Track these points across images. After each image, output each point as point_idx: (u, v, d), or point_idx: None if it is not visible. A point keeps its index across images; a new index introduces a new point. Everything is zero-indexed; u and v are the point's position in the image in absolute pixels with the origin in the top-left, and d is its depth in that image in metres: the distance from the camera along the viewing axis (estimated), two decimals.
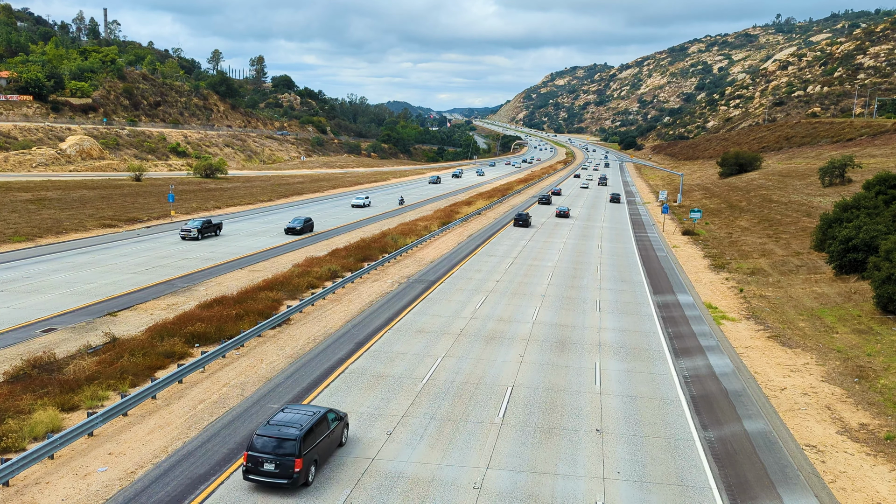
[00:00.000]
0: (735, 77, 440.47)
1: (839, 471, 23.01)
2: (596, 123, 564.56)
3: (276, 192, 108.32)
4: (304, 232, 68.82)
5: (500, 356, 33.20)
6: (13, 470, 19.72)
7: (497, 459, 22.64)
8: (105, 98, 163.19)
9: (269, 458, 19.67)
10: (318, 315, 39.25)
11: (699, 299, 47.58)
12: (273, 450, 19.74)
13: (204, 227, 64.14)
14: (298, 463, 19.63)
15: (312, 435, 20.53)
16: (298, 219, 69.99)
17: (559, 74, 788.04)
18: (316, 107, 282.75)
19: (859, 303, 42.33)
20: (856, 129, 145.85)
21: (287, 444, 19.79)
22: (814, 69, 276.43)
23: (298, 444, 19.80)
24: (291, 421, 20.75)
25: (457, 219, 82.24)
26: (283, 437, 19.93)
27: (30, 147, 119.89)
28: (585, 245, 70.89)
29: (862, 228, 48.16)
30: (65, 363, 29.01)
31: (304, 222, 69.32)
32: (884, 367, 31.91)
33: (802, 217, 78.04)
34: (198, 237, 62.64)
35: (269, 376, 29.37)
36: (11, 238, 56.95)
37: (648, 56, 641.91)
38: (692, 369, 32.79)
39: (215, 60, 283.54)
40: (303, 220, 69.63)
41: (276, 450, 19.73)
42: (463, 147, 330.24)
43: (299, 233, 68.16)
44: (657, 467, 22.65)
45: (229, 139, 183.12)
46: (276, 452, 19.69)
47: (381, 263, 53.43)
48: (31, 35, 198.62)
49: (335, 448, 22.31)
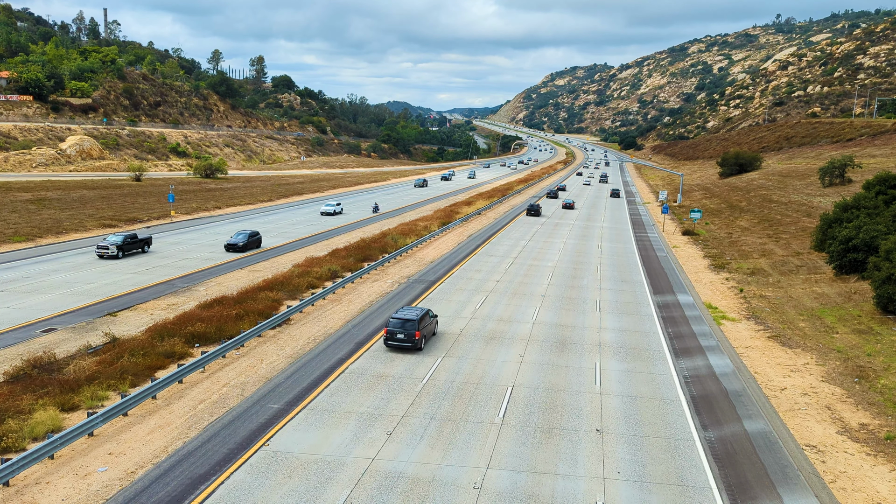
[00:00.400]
0: (735, 77, 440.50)
1: (839, 471, 23.01)
2: (596, 123, 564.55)
3: (276, 192, 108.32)
4: (248, 248, 58.21)
5: (501, 356, 33.20)
6: (13, 470, 19.73)
7: (497, 459, 22.64)
8: (105, 98, 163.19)
9: (399, 331, 32.30)
10: (318, 315, 39.26)
11: (699, 299, 47.59)
12: (401, 327, 32.28)
13: (126, 242, 53.39)
14: (417, 333, 32.31)
15: (423, 320, 33.27)
16: (243, 233, 59.17)
17: (559, 74, 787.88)
18: (316, 107, 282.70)
19: (859, 303, 42.33)
20: (856, 129, 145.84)
21: (409, 324, 32.35)
22: (814, 69, 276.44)
23: (417, 323, 32.47)
24: (410, 313, 33.28)
25: (457, 219, 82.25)
26: (407, 319, 32.52)
27: (30, 147, 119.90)
28: (585, 245, 70.89)
29: (862, 228, 48.16)
30: (65, 363, 29.02)
31: (248, 237, 58.61)
32: (884, 367, 31.91)
33: (802, 217, 78.05)
34: (118, 255, 52.07)
35: (269, 376, 29.37)
36: (11, 238, 56.96)
37: (648, 56, 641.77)
38: (692, 369, 32.80)
39: (215, 60, 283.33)
40: (247, 235, 58.79)
41: (403, 327, 32.27)
42: (463, 147, 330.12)
43: (242, 249, 57.41)
44: (657, 467, 22.65)
45: (229, 139, 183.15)
46: (404, 328, 32.26)
47: (382, 263, 53.43)
48: (31, 35, 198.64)
49: (431, 335, 34.87)
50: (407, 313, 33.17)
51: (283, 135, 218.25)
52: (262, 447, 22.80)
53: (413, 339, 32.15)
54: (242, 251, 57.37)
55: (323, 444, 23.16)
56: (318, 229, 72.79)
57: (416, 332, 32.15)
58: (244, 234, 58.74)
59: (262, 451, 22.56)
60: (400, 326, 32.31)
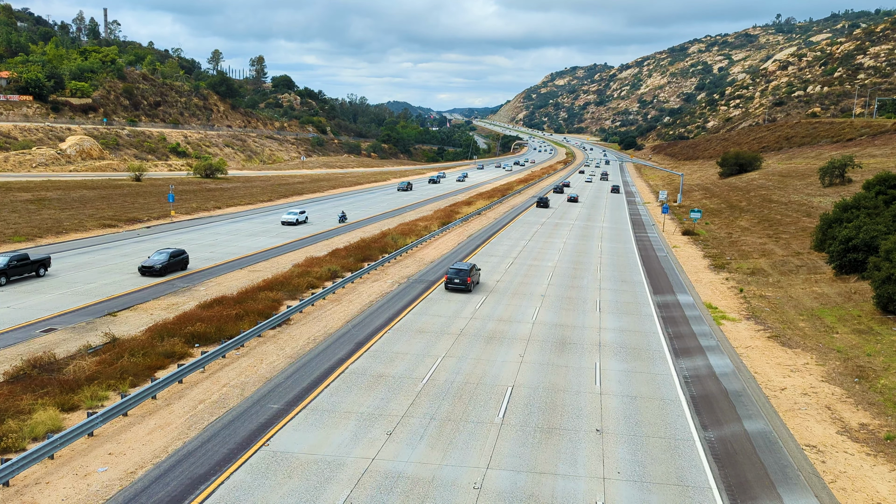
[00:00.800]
0: (735, 77, 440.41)
1: (839, 471, 23.00)
2: (596, 123, 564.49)
3: (276, 192, 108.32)
4: (169, 271, 47.65)
5: (500, 356, 33.20)
6: (13, 470, 19.73)
7: (497, 459, 22.63)
8: (105, 98, 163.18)
9: (456, 277, 45.82)
10: (318, 315, 39.26)
11: (699, 299, 47.58)
12: (457, 275, 45.87)
13: (13, 265, 43.01)
14: (469, 279, 45.75)
15: (472, 271, 46.57)
16: (163, 252, 48.49)
17: (559, 74, 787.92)
18: (316, 107, 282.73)
19: (859, 303, 42.33)
20: (856, 129, 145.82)
21: (462, 273, 45.93)
22: (814, 69, 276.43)
23: (468, 272, 46.09)
24: (462, 265, 46.81)
25: (457, 219, 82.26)
26: (461, 269, 46.22)
27: (30, 147, 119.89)
28: (585, 245, 70.87)
29: (862, 228, 48.16)
30: (65, 363, 29.02)
31: (169, 258, 47.84)
32: (884, 367, 31.91)
33: (802, 217, 78.04)
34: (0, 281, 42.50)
35: (269, 376, 29.37)
36: (11, 238, 56.96)
37: (648, 56, 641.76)
38: (692, 369, 32.79)
39: (215, 60, 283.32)
40: (168, 255, 47.94)
41: (458, 274, 45.85)
42: (463, 147, 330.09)
43: (160, 273, 46.88)
44: (657, 467, 22.65)
45: (229, 139, 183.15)
46: (459, 275, 45.83)
47: (381, 263, 53.42)
48: (31, 35, 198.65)
49: (476, 283, 48.13)
50: (460, 266, 46.86)
51: (283, 135, 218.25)
52: (262, 447, 22.80)
53: (465, 283, 45.76)
54: (160, 275, 46.94)
55: (323, 444, 23.16)
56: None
57: (467, 278, 45.78)
58: (164, 254, 48.20)
59: (262, 451, 22.56)
60: (455, 274, 46.00)
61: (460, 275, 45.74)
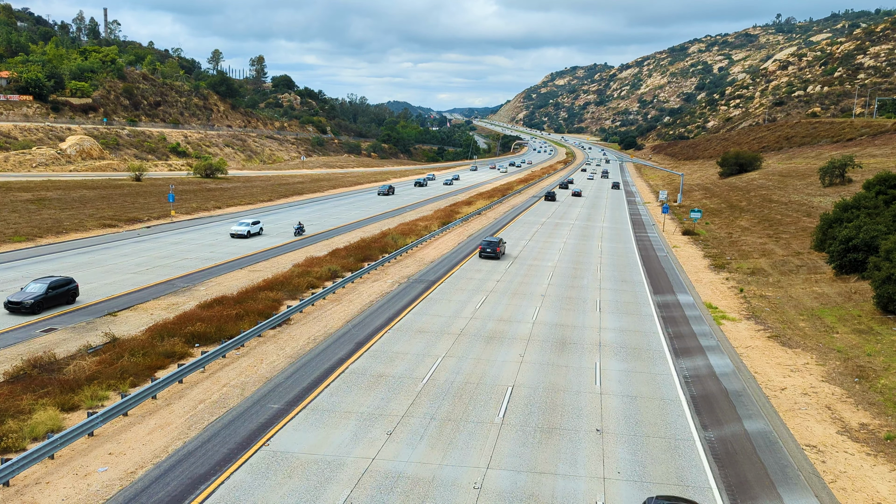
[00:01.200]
0: (735, 77, 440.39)
1: (839, 471, 23.00)
2: (596, 123, 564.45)
3: (275, 192, 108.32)
4: (48, 306, 36.88)
5: (501, 356, 33.19)
6: (13, 470, 19.73)
7: (497, 459, 22.63)
8: (105, 98, 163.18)
9: (488, 248, 59.58)
10: (318, 315, 39.26)
11: (699, 299, 47.58)
12: (489, 245, 59.67)
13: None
14: (498, 249, 59.76)
15: (500, 243, 60.41)
16: (41, 281, 37.55)
17: (559, 74, 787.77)
18: (316, 107, 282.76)
19: (859, 303, 42.33)
20: (856, 129, 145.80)
21: (493, 244, 59.74)
22: (814, 69, 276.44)
23: (498, 243, 60.06)
24: (493, 238, 60.55)
25: (457, 219, 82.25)
26: (492, 241, 60.01)
27: (30, 147, 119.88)
28: (585, 245, 70.88)
29: (862, 228, 48.15)
30: (65, 363, 29.02)
31: (48, 288, 36.85)
32: (884, 367, 31.90)
33: (802, 217, 78.04)
34: None
35: (270, 376, 29.36)
36: (11, 238, 56.96)
37: (648, 56, 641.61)
38: (692, 369, 32.79)
39: (215, 60, 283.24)
40: (47, 286, 36.94)
41: (489, 245, 59.66)
42: (463, 147, 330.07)
43: (31, 310, 35.94)
44: (657, 467, 22.65)
45: (229, 139, 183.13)
46: (490, 246, 59.61)
47: (382, 263, 53.42)
48: (32, 35, 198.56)
49: (503, 254, 61.42)
50: (491, 238, 60.51)
51: (283, 135, 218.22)
52: (263, 447, 22.80)
53: (496, 252, 59.40)
54: (32, 313, 35.97)
55: (323, 444, 23.16)
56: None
57: (497, 248, 59.52)
58: (41, 285, 36.95)
59: (263, 451, 22.56)
60: (488, 245, 59.63)
61: (491, 245, 59.52)
